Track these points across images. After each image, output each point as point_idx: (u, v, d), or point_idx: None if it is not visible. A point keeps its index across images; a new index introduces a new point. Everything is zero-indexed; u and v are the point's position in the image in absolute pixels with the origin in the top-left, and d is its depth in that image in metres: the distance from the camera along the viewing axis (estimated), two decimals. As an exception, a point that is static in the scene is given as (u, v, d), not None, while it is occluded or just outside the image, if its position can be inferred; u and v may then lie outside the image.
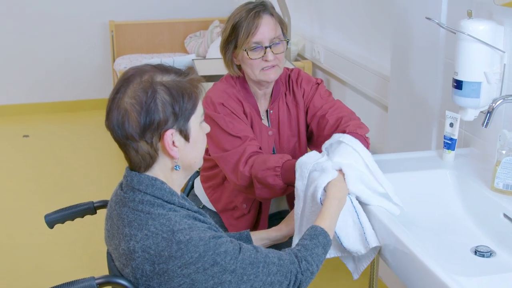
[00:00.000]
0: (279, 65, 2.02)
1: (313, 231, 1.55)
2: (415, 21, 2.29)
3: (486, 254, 1.60)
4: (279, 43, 2.00)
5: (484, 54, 1.78)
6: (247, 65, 2.01)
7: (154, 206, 1.39)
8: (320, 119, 2.08)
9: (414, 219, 1.74)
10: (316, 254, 1.51)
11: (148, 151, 1.40)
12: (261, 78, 2.01)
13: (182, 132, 1.41)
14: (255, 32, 1.96)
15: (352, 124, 1.98)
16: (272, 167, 1.86)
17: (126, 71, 1.44)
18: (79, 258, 3.32)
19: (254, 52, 1.98)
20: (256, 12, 1.97)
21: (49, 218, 1.83)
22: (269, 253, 1.45)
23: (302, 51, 4.09)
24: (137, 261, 1.37)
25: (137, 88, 1.37)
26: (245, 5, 2.02)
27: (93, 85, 5.91)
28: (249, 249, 1.43)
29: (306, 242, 1.53)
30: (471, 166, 1.90)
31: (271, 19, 1.99)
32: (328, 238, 1.56)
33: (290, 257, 1.47)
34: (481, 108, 1.85)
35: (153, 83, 1.38)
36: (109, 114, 1.40)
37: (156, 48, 5.75)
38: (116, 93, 1.40)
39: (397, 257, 1.52)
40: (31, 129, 5.40)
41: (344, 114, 2.05)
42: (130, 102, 1.37)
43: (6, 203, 4.01)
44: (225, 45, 2.04)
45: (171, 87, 1.39)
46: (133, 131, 1.37)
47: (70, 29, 5.72)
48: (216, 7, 5.83)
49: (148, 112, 1.36)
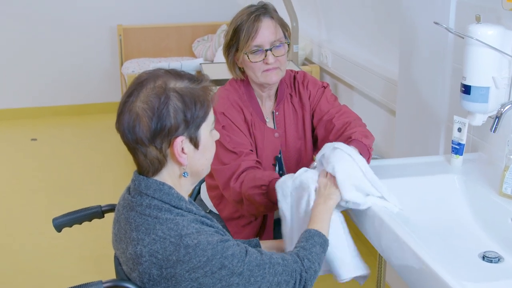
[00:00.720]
0: (281, 67, 2.02)
1: (307, 233, 1.57)
2: (423, 26, 2.29)
3: (494, 260, 1.59)
4: (280, 45, 2.00)
5: (493, 59, 1.77)
6: (249, 68, 2.02)
7: (162, 211, 1.40)
8: (326, 123, 2.08)
9: (421, 224, 1.74)
10: (316, 253, 1.52)
11: (156, 156, 1.40)
12: (262, 80, 2.02)
13: (192, 140, 1.42)
14: (255, 35, 1.96)
15: (358, 131, 1.97)
16: (259, 185, 1.89)
17: (139, 75, 1.45)
18: (87, 261, 3.33)
19: (255, 55, 1.99)
20: (256, 16, 1.97)
21: (57, 222, 1.83)
22: (273, 254, 1.47)
23: (310, 56, 4.09)
24: (145, 265, 1.37)
25: (150, 93, 1.38)
26: (247, 8, 2.03)
27: (101, 88, 5.93)
28: (254, 252, 1.44)
29: (303, 243, 1.54)
30: (479, 171, 1.90)
31: (271, 22, 1.99)
32: (324, 237, 1.57)
33: (293, 257, 1.49)
34: (489, 113, 1.85)
35: (166, 89, 1.38)
36: (120, 117, 1.40)
37: (164, 52, 5.76)
38: (129, 96, 1.40)
39: (404, 262, 1.51)
40: (39, 133, 5.42)
41: (351, 120, 2.05)
42: (142, 107, 1.37)
43: (14, 206, 4.03)
44: (227, 49, 2.05)
45: (184, 94, 1.39)
46: (143, 136, 1.37)
47: (78, 33, 5.74)
48: (223, 11, 5.84)
49: (160, 118, 1.36)
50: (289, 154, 2.14)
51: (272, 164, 2.10)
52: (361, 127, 2.02)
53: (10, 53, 5.67)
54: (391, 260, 1.62)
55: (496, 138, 1.94)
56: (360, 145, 1.88)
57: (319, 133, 2.12)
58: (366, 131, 2.01)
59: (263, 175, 1.91)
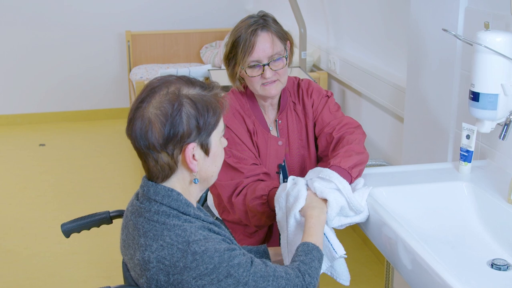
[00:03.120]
0: (281, 79, 2.01)
1: (306, 247, 1.57)
2: (432, 33, 2.29)
3: (502, 267, 1.59)
4: (278, 59, 1.98)
5: (501, 66, 1.77)
6: (248, 81, 2.02)
7: (170, 217, 1.40)
8: (327, 136, 2.07)
9: (429, 232, 1.73)
10: (314, 268, 1.53)
11: (167, 162, 1.41)
12: (262, 93, 2.02)
13: (203, 146, 1.43)
14: (252, 51, 1.94)
15: (341, 153, 1.91)
16: (259, 195, 1.91)
17: (151, 81, 1.45)
18: (95, 267, 3.34)
19: (252, 70, 1.98)
20: (253, 30, 1.95)
21: (66, 227, 1.84)
22: (277, 267, 1.47)
23: (318, 62, 4.10)
24: (152, 271, 1.37)
25: (163, 100, 1.38)
26: (246, 19, 2.01)
27: (109, 94, 5.95)
28: (259, 263, 1.44)
29: (302, 257, 1.54)
30: (487, 179, 1.89)
31: (268, 36, 1.96)
32: (320, 252, 1.58)
33: (295, 271, 1.49)
34: (498, 120, 1.84)
35: (179, 95, 1.39)
36: (132, 122, 1.41)
37: (172, 58, 5.78)
38: (141, 102, 1.41)
39: (412, 270, 1.51)
40: (47, 138, 5.44)
41: (346, 134, 2.01)
42: (155, 113, 1.38)
43: (22, 211, 4.04)
44: (226, 60, 2.04)
45: (197, 101, 1.40)
46: (156, 142, 1.38)
47: (86, 39, 5.77)
48: (231, 17, 5.86)
49: (173, 124, 1.37)
50: (292, 162, 2.14)
51: (276, 172, 2.10)
52: (351, 144, 1.95)
53: (19, 59, 5.71)
54: (399, 267, 1.62)
55: (505, 145, 1.94)
56: (338, 170, 1.83)
57: (320, 144, 2.12)
58: (353, 149, 1.92)
59: (263, 185, 1.92)
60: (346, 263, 1.77)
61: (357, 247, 3.39)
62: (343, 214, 1.76)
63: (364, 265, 3.22)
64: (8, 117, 5.83)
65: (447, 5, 2.16)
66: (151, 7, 5.83)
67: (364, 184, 1.84)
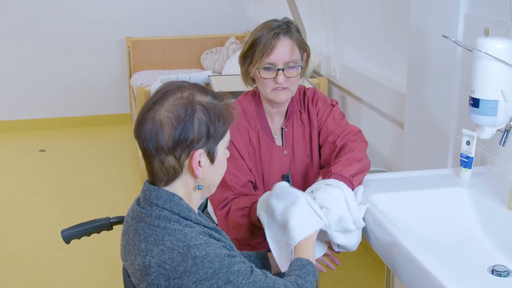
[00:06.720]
0: (291, 88, 2.02)
1: (300, 262, 1.59)
2: (432, 39, 2.29)
3: (503, 274, 1.59)
4: (293, 67, 1.99)
5: (501, 72, 1.77)
6: (259, 82, 2.03)
7: (171, 222, 1.40)
8: (331, 145, 2.07)
9: (430, 238, 1.73)
10: (310, 282, 1.55)
11: (173, 166, 1.41)
12: (271, 97, 2.02)
13: (210, 154, 1.44)
14: (270, 53, 1.96)
15: (343, 160, 1.92)
16: (242, 207, 1.92)
17: (165, 84, 1.46)
18: (96, 273, 3.33)
19: (266, 72, 1.99)
20: (276, 33, 1.97)
21: (66, 234, 1.84)
22: (277, 280, 1.47)
23: (318, 68, 4.10)
24: (153, 276, 1.37)
25: (177, 103, 1.39)
26: (270, 21, 2.03)
27: (110, 100, 5.96)
28: (259, 273, 1.45)
29: (298, 272, 1.56)
30: (488, 185, 1.89)
31: (289, 42, 1.98)
32: (314, 267, 1.60)
33: (293, 285, 1.50)
34: (498, 126, 1.84)
35: (193, 101, 1.40)
36: (142, 123, 1.41)
37: (172, 64, 5.79)
38: (154, 104, 1.41)
39: (413, 276, 1.51)
40: (48, 144, 5.44)
41: (349, 142, 2.02)
42: (167, 116, 1.39)
43: (23, 217, 4.04)
44: (242, 58, 2.06)
45: (210, 108, 1.42)
46: (165, 144, 1.39)
47: (87, 45, 5.78)
48: (232, 23, 5.86)
49: (184, 129, 1.38)
50: (296, 171, 2.14)
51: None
52: (352, 152, 1.96)
53: (20, 66, 5.72)
54: (399, 273, 1.62)
55: (505, 152, 1.94)
56: (339, 179, 1.84)
57: (323, 153, 2.12)
58: (354, 157, 1.93)
59: (248, 198, 1.94)
60: (347, 269, 1.77)
61: (358, 253, 3.38)
62: (342, 226, 1.75)
63: (365, 271, 3.22)
64: (10, 123, 5.83)
65: (447, 11, 2.16)
66: (151, 13, 5.85)
67: (363, 191, 1.84)
